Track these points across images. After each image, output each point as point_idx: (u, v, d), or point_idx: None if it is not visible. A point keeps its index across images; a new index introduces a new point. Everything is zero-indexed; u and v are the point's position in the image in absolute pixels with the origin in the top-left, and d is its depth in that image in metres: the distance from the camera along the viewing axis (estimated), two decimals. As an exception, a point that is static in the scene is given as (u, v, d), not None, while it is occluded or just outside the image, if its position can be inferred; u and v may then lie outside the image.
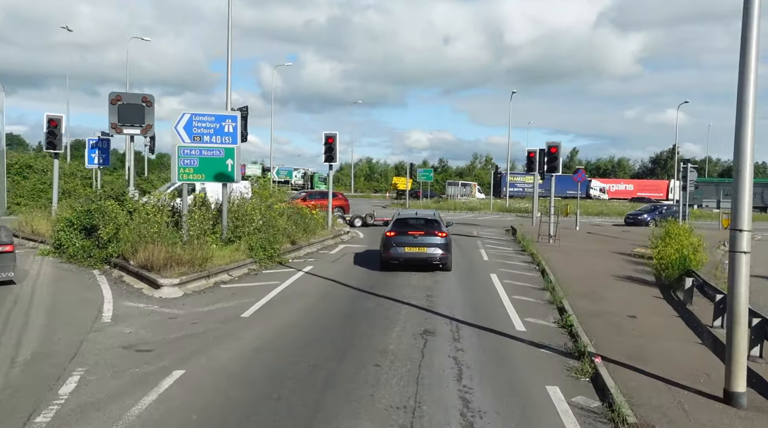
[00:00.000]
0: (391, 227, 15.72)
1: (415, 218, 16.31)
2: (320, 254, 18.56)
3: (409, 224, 15.86)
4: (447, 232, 15.57)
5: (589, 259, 18.72)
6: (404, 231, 15.37)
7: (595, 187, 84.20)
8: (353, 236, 24.18)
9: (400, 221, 15.96)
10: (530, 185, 75.73)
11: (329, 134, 22.72)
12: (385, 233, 15.63)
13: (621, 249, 21.66)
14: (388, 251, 15.27)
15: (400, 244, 15.19)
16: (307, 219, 20.68)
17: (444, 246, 15.22)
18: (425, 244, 15.18)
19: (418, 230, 15.41)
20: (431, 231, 15.38)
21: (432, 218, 16.07)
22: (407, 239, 15.22)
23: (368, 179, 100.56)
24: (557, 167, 21.58)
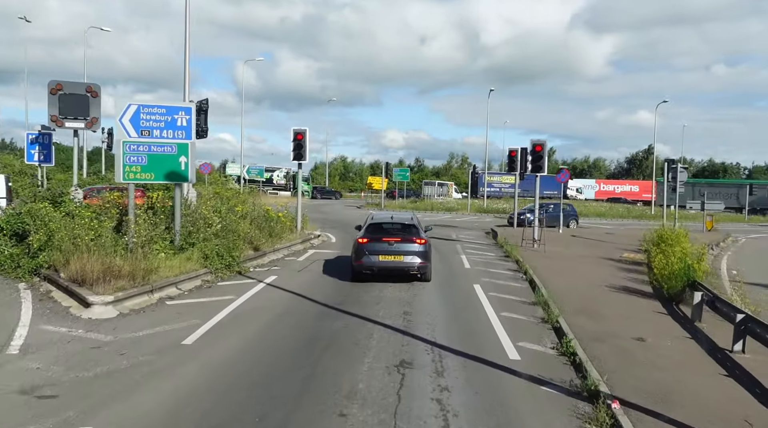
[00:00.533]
0: (364, 232, 14.09)
1: (391, 222, 14.64)
2: (286, 262, 16.86)
3: (384, 229, 14.27)
4: (426, 238, 14.00)
5: (578, 266, 17.34)
6: (378, 237, 13.79)
7: (571, 187, 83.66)
8: (324, 240, 22.50)
9: (374, 226, 14.30)
10: (508, 185, 74.80)
11: (298, 130, 21.02)
12: (356, 239, 14.01)
13: (609, 255, 20.38)
14: (360, 260, 13.66)
15: (373, 252, 13.59)
16: (273, 222, 18.97)
17: (423, 254, 13.68)
18: (402, 252, 13.61)
19: (394, 236, 13.86)
20: (408, 237, 13.82)
21: (409, 223, 14.46)
22: (382, 246, 13.63)
23: (343, 178, 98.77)
24: (542, 166, 20.21)
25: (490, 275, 15.48)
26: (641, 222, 45.03)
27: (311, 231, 22.60)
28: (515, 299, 12.50)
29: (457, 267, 16.69)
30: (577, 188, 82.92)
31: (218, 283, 13.30)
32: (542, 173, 20.59)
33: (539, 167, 20.45)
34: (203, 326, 9.63)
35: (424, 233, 14.39)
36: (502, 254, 19.78)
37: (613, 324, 10.35)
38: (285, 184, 64.85)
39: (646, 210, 56.80)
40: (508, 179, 74.89)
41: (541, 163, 20.44)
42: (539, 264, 16.74)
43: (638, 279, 15.60)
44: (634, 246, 23.11)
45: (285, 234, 19.65)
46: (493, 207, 50.73)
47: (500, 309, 11.35)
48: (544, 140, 20.49)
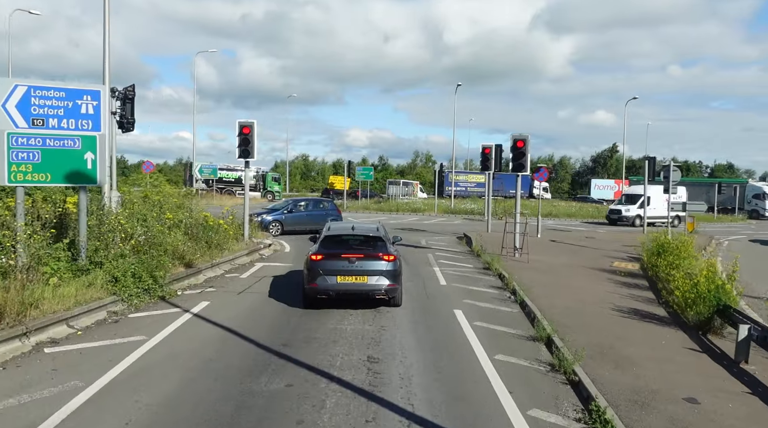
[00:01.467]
0: (318, 247, 11.29)
1: (352, 235, 11.84)
2: (226, 281, 13.96)
3: (344, 243, 11.56)
4: (395, 255, 11.28)
5: (571, 280, 14.90)
6: (337, 253, 11.05)
7: (537, 186, 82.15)
8: (276, 249, 19.62)
9: (331, 240, 11.57)
10: (475, 184, 72.85)
11: (245, 123, 18.09)
12: (309, 256, 11.22)
13: (599, 264, 18.07)
14: (313, 282, 10.88)
15: (330, 271, 10.86)
16: (212, 231, 16.01)
17: (392, 274, 11.00)
18: (366, 271, 10.90)
19: (356, 251, 11.14)
20: (374, 253, 11.12)
21: (375, 235, 11.72)
22: (341, 264, 10.91)
23: (304, 177, 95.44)
24: (525, 164, 17.77)
25: (471, 294, 12.89)
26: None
27: (262, 239, 19.69)
28: (509, 332, 9.92)
29: (432, 284, 14.06)
30: (544, 187, 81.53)
31: (129, 315, 10.34)
32: (525, 172, 18.14)
33: (521, 165, 17.98)
34: (83, 392, 6.74)
35: (393, 247, 11.73)
36: (480, 266, 17.24)
37: (646, 372, 7.84)
38: (255, 184, 61.09)
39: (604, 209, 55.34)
40: (475, 178, 72.94)
41: (524, 160, 17.98)
42: (526, 279, 14.25)
43: (644, 298, 13.24)
44: (622, 253, 20.95)
45: (229, 245, 16.72)
46: (461, 208, 48.44)
47: (493, 350, 8.74)
48: (526, 135, 18.03)
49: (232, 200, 54.06)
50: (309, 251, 11.45)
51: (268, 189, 60.91)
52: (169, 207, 16.35)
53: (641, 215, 35.11)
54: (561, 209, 53.43)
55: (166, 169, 78.49)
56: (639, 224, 35.27)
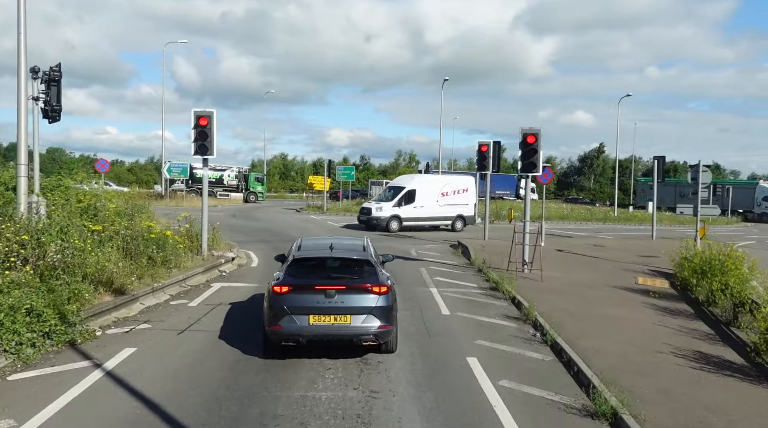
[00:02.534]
0: (284, 275, 8.23)
1: (330, 255, 8.75)
2: (169, 311, 10.90)
3: (319, 268, 8.55)
4: (389, 285, 8.24)
5: (603, 306, 12.06)
6: (309, 284, 8.04)
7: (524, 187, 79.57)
8: (241, 264, 16.55)
9: (302, 264, 8.51)
10: None
11: (201, 113, 15.03)
12: (271, 287, 8.16)
13: (622, 280, 15.37)
14: (276, 324, 7.86)
15: (300, 309, 7.84)
16: (157, 245, 12.91)
17: (384, 312, 8.01)
18: (349, 309, 7.90)
19: (336, 281, 8.14)
20: (360, 284, 8.12)
21: (361, 257, 8.67)
22: (315, 299, 7.89)
23: (283, 177, 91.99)
24: (537, 163, 14.94)
25: (484, 331, 10.02)
26: (615, 226, 40.87)
27: (224, 251, 16.63)
28: (550, 399, 7.03)
29: (431, 314, 11.15)
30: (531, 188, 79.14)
31: (11, 376, 7.26)
32: (537, 172, 15.31)
33: (532, 164, 15.15)
34: None
35: (384, 272, 8.78)
36: (486, 285, 14.38)
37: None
38: (237, 185, 57.50)
39: (608, 212, 53.03)
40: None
41: (536, 159, 15.16)
42: (547, 305, 11.43)
43: (701, 333, 10.45)
44: (641, 266, 18.29)
45: (180, 261, 13.65)
46: (448, 210, 45.56)
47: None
48: (538, 129, 15.18)
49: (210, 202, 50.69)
50: (271, 280, 8.43)
51: (251, 190, 57.48)
52: (107, 215, 13.24)
53: (400, 216, 27.71)
54: (552, 211, 50.91)
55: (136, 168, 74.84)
56: (396, 228, 27.48)
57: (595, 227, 38.94)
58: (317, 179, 49.74)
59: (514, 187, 76.91)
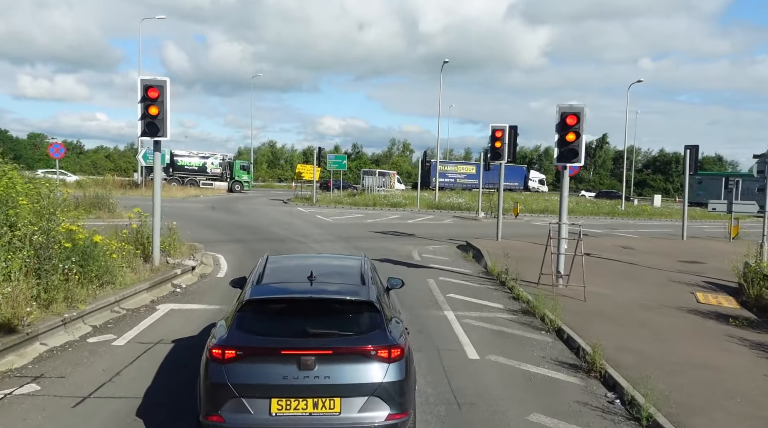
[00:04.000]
0: (231, 331, 5.00)
1: (310, 297, 5.30)
2: (80, 354, 7.62)
3: (289, 316, 5.21)
4: (404, 344, 5.04)
5: (685, 346, 8.83)
6: (272, 347, 4.83)
7: (533, 178, 76.31)
8: (204, 273, 13.23)
9: (259, 307, 5.19)
10: (465, 176, 66.52)
11: (150, 82, 11.66)
12: (210, 350, 4.90)
13: (681, 298, 12.29)
14: (216, 415, 4.70)
15: (256, 389, 4.71)
16: (80, 257, 9.55)
17: (396, 391, 4.82)
18: (338, 388, 4.74)
19: (316, 340, 4.90)
20: (356, 345, 4.87)
21: (359, 298, 5.27)
22: (281, 371, 4.72)
23: (272, 166, 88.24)
24: (579, 150, 11.73)
25: (536, 391, 6.85)
26: (627, 222, 37.88)
27: (184, 257, 13.34)
28: None
29: (455, 361, 7.93)
30: (540, 180, 75.35)
31: None
32: (579, 163, 12.09)
33: (573, 152, 11.96)
34: None
35: (395, 320, 5.51)
36: (515, 305, 11.20)
37: None
38: (221, 173, 53.90)
39: (615, 205, 50.07)
40: (465, 168, 67.07)
41: (577, 144, 11.96)
42: (611, 342, 8.27)
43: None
44: (689, 275, 15.28)
45: (118, 274, 10.34)
46: (447, 202, 42.42)
47: None
48: (580, 106, 11.96)
49: (191, 192, 47.25)
50: (210, 339, 5.14)
51: (236, 179, 54.00)
52: (18, 214, 9.86)
53: None
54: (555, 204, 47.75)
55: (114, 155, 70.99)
56: None
57: (605, 223, 35.94)
58: (306, 168, 46.35)
59: (523, 178, 73.65)
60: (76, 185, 39.08)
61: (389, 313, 5.48)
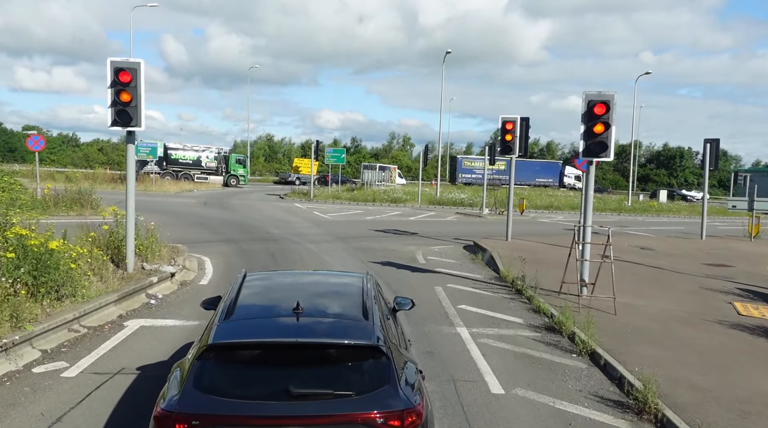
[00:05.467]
0: (190, 383, 3.61)
1: (292, 340, 3.95)
2: (18, 390, 6.24)
3: (266, 362, 3.83)
4: (420, 408, 3.62)
5: (742, 372, 7.45)
6: (240, 415, 3.46)
7: (569, 174, 70.73)
8: (185, 281, 11.83)
9: (228, 355, 3.84)
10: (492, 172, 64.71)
11: (121, 65, 10.23)
12: (155, 418, 3.50)
13: (718, 309, 10.97)
14: None
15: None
16: (34, 267, 8.16)
17: None
18: None
19: (301, 404, 3.50)
20: (357, 411, 3.45)
21: (360, 342, 3.89)
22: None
23: (269, 159, 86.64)
24: (608, 143, 10.35)
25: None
26: (636, 219, 36.49)
27: (163, 262, 11.94)
28: None
29: (475, 396, 6.56)
30: (576, 176, 68.93)
31: None
32: (607, 157, 10.69)
33: (602, 145, 10.59)
34: None
35: (409, 365, 4.12)
36: (537, 320, 9.83)
37: None
38: (216, 167, 52.41)
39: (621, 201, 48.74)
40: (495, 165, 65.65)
41: (606, 136, 10.58)
42: (659, 370, 6.89)
43: None
44: (718, 279, 14.01)
45: (81, 284, 8.95)
46: (448, 198, 41.00)
47: None
48: (610, 94, 10.56)
49: (184, 186, 45.73)
50: (159, 399, 3.74)
51: (232, 173, 52.53)
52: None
53: None
54: (561, 200, 46.42)
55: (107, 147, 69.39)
56: None
57: (614, 220, 34.52)
58: (304, 162, 44.87)
59: (558, 174, 70.51)
60: (65, 179, 37.71)
61: (400, 357, 4.11)
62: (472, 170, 64.47)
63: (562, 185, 67.81)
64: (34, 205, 18.22)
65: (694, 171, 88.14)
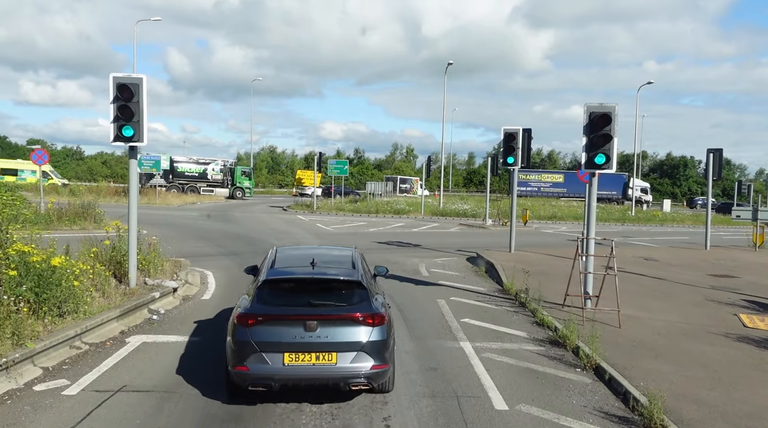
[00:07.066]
0: (253, 303, 6.35)
1: (312, 276, 6.74)
2: (18, 410, 6.20)
3: (297, 292, 6.61)
4: (385, 312, 6.48)
5: (753, 389, 7.41)
6: (284, 315, 6.23)
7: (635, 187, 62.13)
8: (188, 295, 11.80)
9: (275, 286, 6.61)
10: (550, 184, 64.43)
11: (124, 80, 10.29)
12: (235, 317, 6.29)
13: (719, 320, 10.90)
14: (241, 365, 6.02)
15: (272, 346, 6.05)
16: (35, 284, 8.15)
17: (378, 348, 6.21)
18: (334, 345, 6.10)
19: (319, 309, 6.28)
20: (349, 313, 6.29)
21: (348, 278, 6.70)
22: (291, 332, 6.08)
23: (272, 171, 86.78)
24: (610, 155, 10.22)
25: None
26: (640, 228, 36.38)
27: (165, 277, 11.92)
28: None
29: (478, 413, 6.49)
30: (642, 189, 63.15)
31: None
32: (609, 169, 10.65)
33: (605, 157, 10.55)
34: None
35: (377, 293, 7.03)
36: (540, 333, 9.76)
37: None
38: (222, 179, 52.60)
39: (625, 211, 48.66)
40: (550, 177, 65.77)
41: (608, 148, 10.56)
42: (663, 386, 6.83)
43: None
44: (723, 290, 13.93)
45: (84, 300, 8.93)
46: (451, 209, 40.98)
47: None
48: (612, 105, 10.54)
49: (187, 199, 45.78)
50: (236, 308, 6.46)
51: (238, 185, 52.71)
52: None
53: None
54: (564, 210, 46.33)
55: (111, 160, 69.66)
56: None
57: (618, 230, 34.41)
58: (306, 174, 45.02)
59: (622, 187, 64.89)
60: (69, 193, 37.80)
61: (374, 290, 6.89)
62: (527, 182, 64.75)
63: (626, 198, 61.34)
64: (37, 219, 18.27)
65: (697, 180, 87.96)
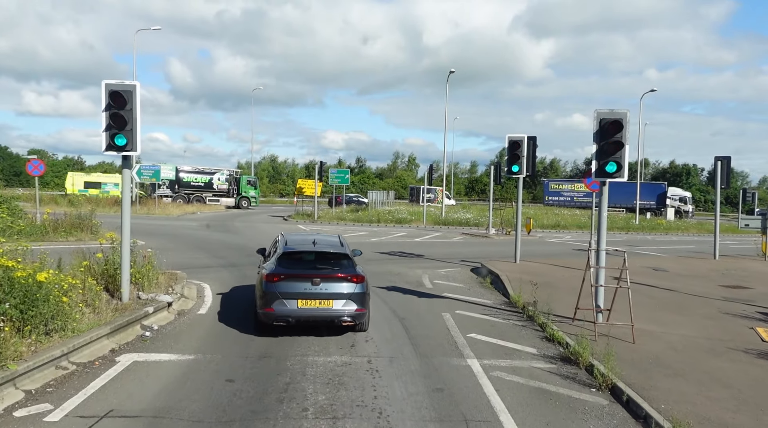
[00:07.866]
0: (275, 265, 9.35)
1: (313, 251, 9.79)
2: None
3: (305, 260, 9.64)
4: (364, 275, 9.46)
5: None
6: (297, 274, 9.23)
7: (673, 196, 61.43)
8: (183, 310, 11.33)
9: (290, 256, 9.59)
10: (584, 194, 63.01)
11: (116, 87, 9.90)
12: (263, 275, 9.24)
13: (736, 334, 10.50)
14: (269, 307, 9.00)
15: (290, 295, 9.04)
16: (22, 300, 7.73)
17: (359, 298, 9.24)
18: (331, 295, 9.13)
19: (320, 271, 9.33)
20: (339, 274, 9.31)
21: (339, 252, 9.76)
22: (302, 286, 9.10)
23: (273, 180, 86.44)
24: (621, 162, 9.76)
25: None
26: (645, 237, 35.92)
27: (158, 291, 11.48)
28: None
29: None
30: (681, 198, 61.43)
31: None
32: (621, 177, 10.25)
33: (617, 165, 10.15)
34: None
35: (359, 267, 9.68)
36: (551, 350, 9.30)
37: None
38: (227, 189, 52.34)
39: (629, 219, 48.21)
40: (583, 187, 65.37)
41: (619, 156, 10.16)
42: (686, 410, 6.40)
43: None
44: (737, 302, 13.54)
45: (73, 316, 8.50)
46: (453, 218, 40.56)
47: None
48: (623, 111, 10.15)
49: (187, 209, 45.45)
50: (262, 270, 9.60)
51: (243, 194, 52.46)
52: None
53: None
54: (568, 219, 45.87)
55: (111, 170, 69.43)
56: None
57: (623, 239, 33.94)
58: (307, 183, 44.52)
59: (660, 197, 62.24)
60: (68, 203, 37.43)
61: (356, 263, 9.73)
62: (560, 192, 65.07)
63: (664, 207, 59.34)
64: (32, 231, 17.87)
65: (701, 188, 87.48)
